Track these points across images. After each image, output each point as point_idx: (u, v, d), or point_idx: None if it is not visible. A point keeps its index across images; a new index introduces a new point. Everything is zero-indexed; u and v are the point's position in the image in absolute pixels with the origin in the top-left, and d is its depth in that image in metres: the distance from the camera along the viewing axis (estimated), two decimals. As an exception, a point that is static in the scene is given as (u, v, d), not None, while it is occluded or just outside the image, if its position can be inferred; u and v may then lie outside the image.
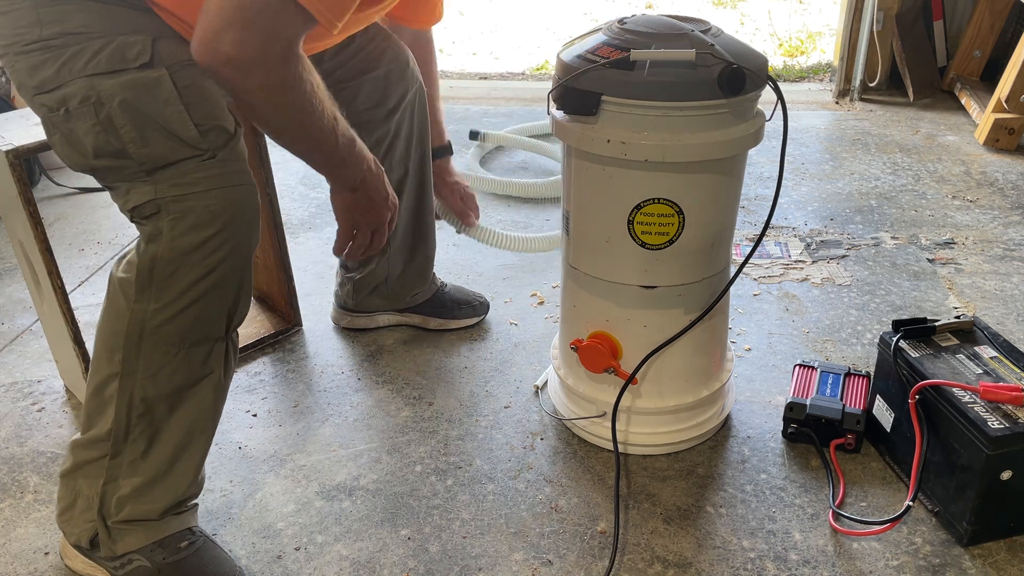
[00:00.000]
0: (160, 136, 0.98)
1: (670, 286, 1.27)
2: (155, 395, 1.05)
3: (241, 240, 1.02)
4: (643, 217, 1.21)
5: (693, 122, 1.14)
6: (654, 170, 1.17)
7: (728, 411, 1.44)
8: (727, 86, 1.11)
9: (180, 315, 1.02)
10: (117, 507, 1.10)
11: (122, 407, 1.06)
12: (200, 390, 1.08)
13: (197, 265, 0.99)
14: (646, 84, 1.11)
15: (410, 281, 1.67)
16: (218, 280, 1.02)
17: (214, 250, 0.99)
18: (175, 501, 1.12)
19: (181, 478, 1.11)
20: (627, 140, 1.14)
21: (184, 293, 1.01)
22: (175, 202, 0.98)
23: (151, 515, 1.11)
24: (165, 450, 1.09)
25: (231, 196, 1.00)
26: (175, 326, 1.02)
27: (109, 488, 1.09)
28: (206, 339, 1.06)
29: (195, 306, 1.02)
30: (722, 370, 1.41)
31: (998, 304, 1.79)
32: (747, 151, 1.23)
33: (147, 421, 1.07)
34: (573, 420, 1.41)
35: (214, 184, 0.99)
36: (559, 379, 1.45)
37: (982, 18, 3.01)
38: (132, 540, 1.11)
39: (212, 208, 0.98)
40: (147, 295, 1.01)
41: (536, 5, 5.04)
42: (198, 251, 0.99)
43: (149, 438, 1.08)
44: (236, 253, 1.02)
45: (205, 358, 1.07)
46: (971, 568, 1.17)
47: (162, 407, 1.07)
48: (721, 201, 1.24)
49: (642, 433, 1.36)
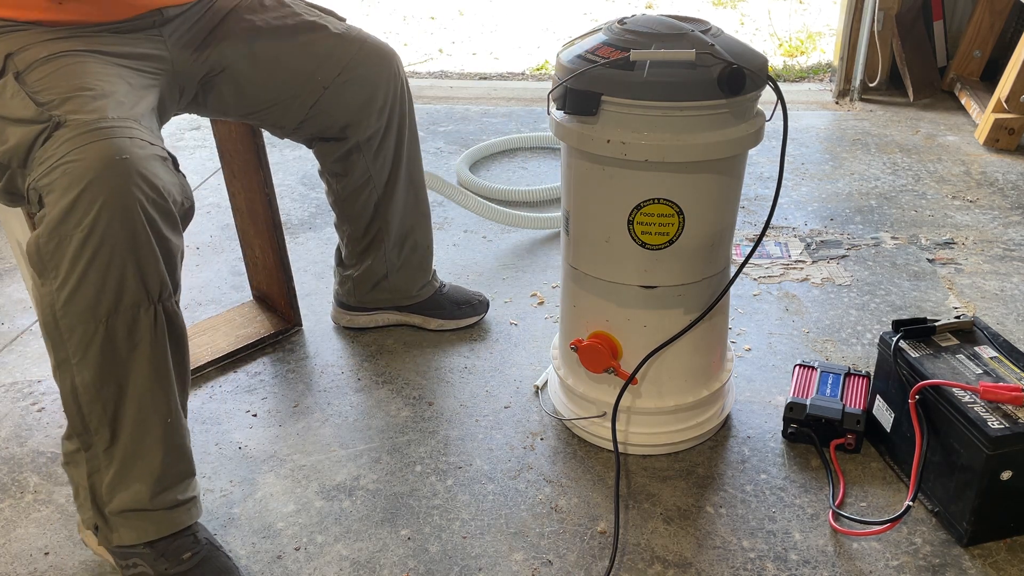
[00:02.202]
0: (12, 127, 1.03)
1: (670, 286, 1.27)
2: (92, 378, 1.04)
3: (112, 192, 0.97)
4: (643, 217, 1.21)
5: (693, 122, 1.14)
6: (654, 170, 1.17)
7: (728, 411, 1.44)
8: (727, 86, 1.11)
9: (80, 286, 0.99)
10: (108, 495, 1.10)
11: (69, 397, 1.06)
12: (135, 363, 1.05)
13: (75, 229, 0.97)
14: (646, 84, 1.11)
15: (412, 274, 1.66)
16: (102, 239, 0.98)
17: (86, 210, 0.97)
18: (156, 478, 1.10)
19: (152, 455, 1.09)
20: (627, 140, 1.14)
21: (75, 262, 0.98)
22: (43, 178, 0.99)
23: (141, 500, 1.10)
24: (126, 430, 1.08)
25: (86, 153, 0.98)
26: (80, 299, 1.00)
27: (95, 479, 1.10)
28: (122, 308, 1.02)
29: (91, 273, 0.99)
30: (722, 370, 1.41)
31: (998, 304, 1.79)
32: (747, 151, 1.23)
33: (100, 407, 1.05)
34: (573, 420, 1.41)
35: (68, 149, 0.98)
36: (559, 379, 1.45)
37: (982, 18, 3.00)
38: (127, 533, 1.11)
39: (71, 170, 0.97)
40: (46, 276, 1.00)
41: (536, 5, 5.04)
42: (71, 216, 0.97)
43: (110, 424, 1.07)
44: (111, 207, 0.97)
45: (131, 329, 1.03)
46: (971, 568, 1.17)
47: (108, 389, 1.05)
48: (721, 201, 1.24)
49: (642, 433, 1.36)
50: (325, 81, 1.40)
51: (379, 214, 1.57)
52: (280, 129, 1.47)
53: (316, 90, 1.40)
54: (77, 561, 1.21)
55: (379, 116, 1.47)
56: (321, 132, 1.47)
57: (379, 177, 1.53)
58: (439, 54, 4.08)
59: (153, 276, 1.03)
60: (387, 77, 1.46)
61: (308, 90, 1.40)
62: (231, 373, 1.60)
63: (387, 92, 1.47)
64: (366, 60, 1.43)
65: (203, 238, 2.13)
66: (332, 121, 1.45)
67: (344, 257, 1.67)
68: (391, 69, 1.47)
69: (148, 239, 1.01)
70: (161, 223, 1.03)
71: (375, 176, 1.52)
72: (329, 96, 1.41)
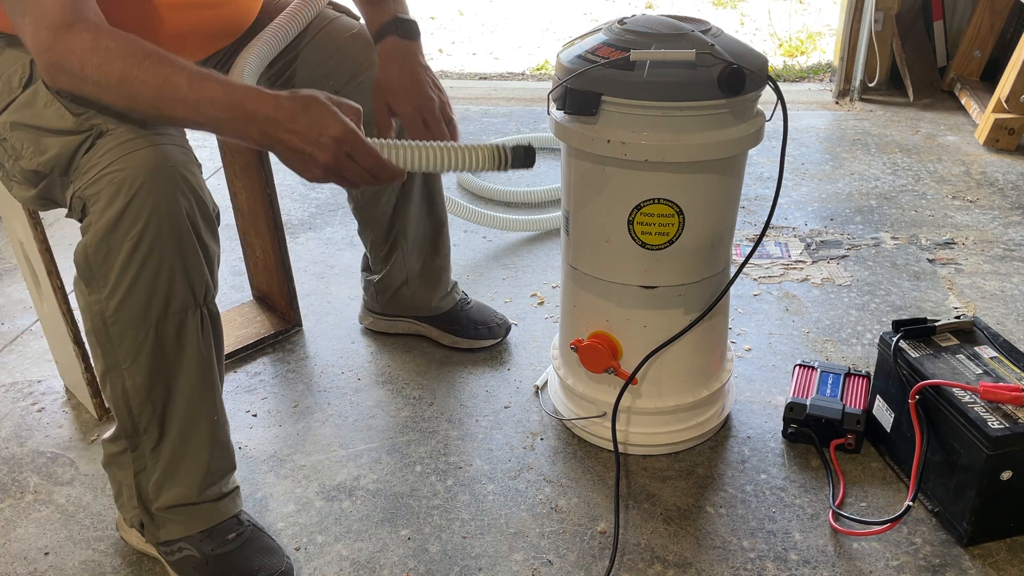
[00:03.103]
0: (50, 138, 1.02)
1: (670, 286, 1.27)
2: (143, 381, 1.06)
3: (158, 201, 0.97)
4: (643, 217, 1.21)
5: (693, 122, 1.14)
6: (654, 170, 1.17)
7: (728, 411, 1.44)
8: (727, 86, 1.11)
9: (130, 294, 1.00)
10: (155, 493, 1.13)
11: (120, 401, 1.08)
12: (184, 366, 1.07)
13: (124, 239, 0.98)
14: (646, 84, 1.11)
15: (430, 285, 1.63)
16: (151, 247, 0.99)
17: (134, 219, 0.97)
18: (204, 474, 1.13)
19: (200, 452, 1.12)
20: (627, 140, 1.14)
21: (124, 271, 0.99)
22: (88, 188, 0.99)
23: (189, 496, 1.13)
24: (174, 430, 1.10)
25: (132, 162, 0.98)
26: (130, 307, 1.01)
27: (142, 477, 1.13)
28: (171, 313, 1.03)
29: (141, 281, 1.00)
30: (722, 370, 1.41)
31: (998, 304, 1.79)
32: (747, 151, 1.23)
33: (150, 409, 1.08)
34: (573, 420, 1.41)
35: (112, 158, 0.98)
36: (559, 379, 1.45)
37: (982, 18, 3.00)
38: (175, 528, 1.14)
39: (117, 180, 0.97)
40: (94, 285, 1.01)
41: (536, 5, 5.04)
42: (119, 225, 0.97)
43: (159, 424, 1.09)
44: (158, 216, 0.98)
45: (179, 332, 1.05)
46: (971, 568, 1.17)
47: (157, 391, 1.07)
48: (721, 201, 1.24)
49: (642, 433, 1.37)
50: (338, 84, 1.37)
51: (397, 219, 1.55)
52: None
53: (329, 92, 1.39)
54: (77, 561, 1.21)
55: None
56: None
57: None
58: (439, 54, 4.08)
59: (199, 281, 1.05)
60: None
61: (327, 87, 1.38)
62: (231, 373, 1.60)
63: None
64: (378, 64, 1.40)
65: (203, 238, 2.13)
66: None
67: (370, 263, 1.67)
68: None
69: (194, 245, 1.03)
70: (203, 228, 1.04)
71: None
72: (347, 92, 1.39)
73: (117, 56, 0.93)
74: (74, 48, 0.93)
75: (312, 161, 0.98)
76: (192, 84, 0.94)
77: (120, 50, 0.93)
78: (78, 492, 1.33)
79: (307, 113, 0.96)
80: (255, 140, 0.98)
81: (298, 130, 0.96)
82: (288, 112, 0.96)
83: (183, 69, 0.95)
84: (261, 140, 0.97)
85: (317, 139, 0.96)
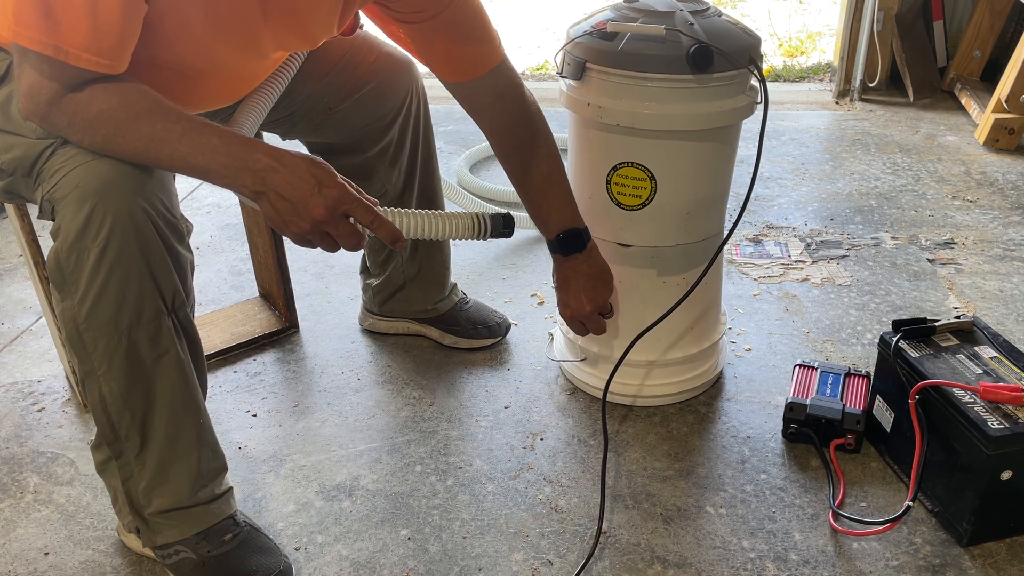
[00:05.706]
0: (16, 139, 1.02)
1: (643, 247, 1.38)
2: (120, 388, 1.05)
3: (120, 208, 0.97)
4: (618, 178, 1.32)
5: (662, 93, 1.23)
6: (628, 135, 1.28)
7: (721, 368, 1.55)
8: (692, 62, 1.19)
9: (100, 300, 1.00)
10: (145, 499, 1.12)
11: (98, 408, 1.07)
12: (162, 371, 1.06)
13: (91, 245, 0.98)
14: (621, 54, 1.22)
15: (427, 287, 1.64)
16: (118, 253, 0.98)
17: (100, 224, 0.97)
18: (194, 477, 1.13)
19: (188, 456, 1.12)
20: (604, 105, 1.26)
21: (94, 276, 0.99)
22: (55, 191, 0.99)
23: (181, 500, 1.12)
24: (159, 436, 1.09)
25: (92, 168, 0.98)
26: (102, 312, 1.01)
27: (130, 484, 1.12)
28: (144, 319, 1.03)
29: (110, 287, 1.00)
30: (714, 331, 1.51)
31: (998, 304, 1.79)
32: (721, 127, 1.29)
33: (129, 415, 1.07)
34: (575, 363, 1.53)
35: (75, 163, 0.98)
36: (562, 334, 1.57)
37: (982, 18, 3.00)
38: (170, 532, 1.13)
39: (81, 185, 0.97)
40: (66, 291, 1.01)
41: (536, 5, 5.04)
42: (87, 230, 0.97)
43: (140, 430, 1.08)
44: (121, 222, 0.97)
45: (153, 339, 1.04)
46: (971, 568, 1.17)
47: (135, 397, 1.06)
48: (694, 171, 1.33)
49: (624, 383, 1.47)
50: (333, 101, 1.38)
51: None
52: (292, 135, 1.46)
53: (321, 111, 1.39)
54: (77, 561, 1.21)
55: (387, 130, 1.45)
56: (336, 142, 1.45)
57: (394, 189, 1.51)
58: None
59: (168, 287, 1.04)
60: (404, 87, 1.44)
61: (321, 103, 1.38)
62: (231, 373, 1.60)
63: (403, 102, 1.45)
64: (382, 70, 1.41)
65: (203, 238, 2.13)
66: (346, 132, 1.43)
67: (368, 265, 1.67)
68: (408, 78, 1.45)
69: (161, 251, 1.02)
70: (170, 236, 1.04)
71: (390, 188, 1.50)
72: (344, 108, 1.39)
73: (106, 121, 0.95)
74: (66, 111, 0.95)
75: (304, 213, 0.97)
76: (185, 137, 0.95)
77: (111, 114, 0.95)
78: (78, 492, 1.33)
79: (314, 166, 0.98)
80: (248, 187, 0.97)
81: (297, 180, 0.97)
82: (292, 161, 0.97)
83: (178, 121, 0.96)
84: (255, 186, 0.97)
85: (316, 191, 0.97)
